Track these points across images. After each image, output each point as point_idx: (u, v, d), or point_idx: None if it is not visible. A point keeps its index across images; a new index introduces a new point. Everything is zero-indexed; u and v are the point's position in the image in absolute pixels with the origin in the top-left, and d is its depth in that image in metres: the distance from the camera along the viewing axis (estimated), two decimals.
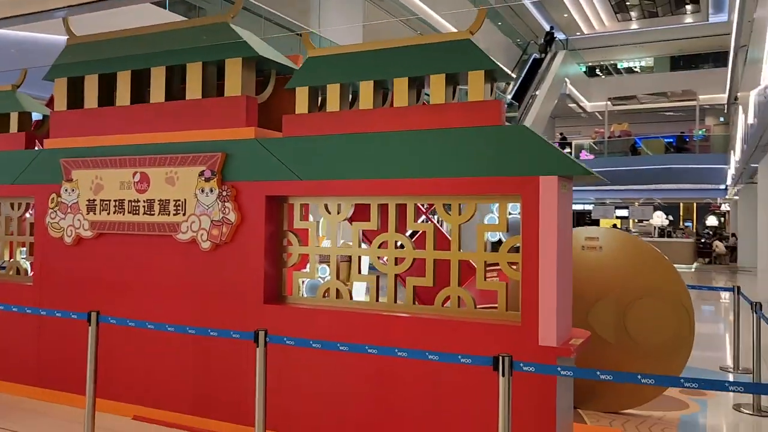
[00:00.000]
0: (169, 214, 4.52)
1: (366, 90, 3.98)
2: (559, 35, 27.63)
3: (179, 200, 4.48)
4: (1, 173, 5.33)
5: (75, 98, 5.09)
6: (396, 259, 3.99)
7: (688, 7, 28.13)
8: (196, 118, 4.49)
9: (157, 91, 4.67)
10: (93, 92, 4.95)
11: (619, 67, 32.73)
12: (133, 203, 4.67)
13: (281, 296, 4.29)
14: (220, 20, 4.48)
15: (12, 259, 5.63)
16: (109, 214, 4.78)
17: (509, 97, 22.16)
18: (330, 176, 4.01)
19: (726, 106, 26.84)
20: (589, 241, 4.94)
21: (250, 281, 4.22)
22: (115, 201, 4.75)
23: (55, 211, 5.01)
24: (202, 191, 4.38)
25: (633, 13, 30.71)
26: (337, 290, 4.13)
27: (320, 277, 4.42)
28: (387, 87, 4.23)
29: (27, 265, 5.56)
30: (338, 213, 4.14)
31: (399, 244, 3.98)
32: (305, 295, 4.36)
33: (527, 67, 24.96)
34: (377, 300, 4.03)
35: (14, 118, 5.42)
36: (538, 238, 3.43)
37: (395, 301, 3.98)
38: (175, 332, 4.00)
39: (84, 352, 4.03)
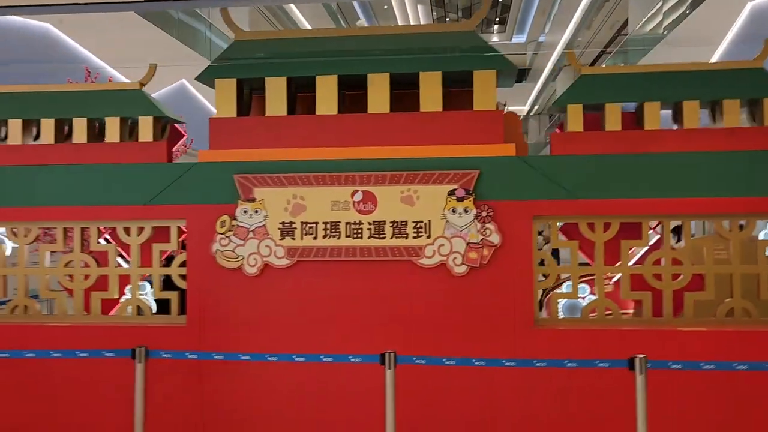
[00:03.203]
0: (407, 237, 4.09)
1: (652, 111, 4.05)
2: None
3: (421, 221, 4.08)
4: (131, 191, 4.30)
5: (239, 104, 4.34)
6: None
7: (495, 27, 31.32)
8: (438, 132, 4.13)
9: (380, 101, 4.19)
10: (279, 97, 4.26)
11: None
12: (353, 226, 4.13)
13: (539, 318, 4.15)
14: (466, 28, 4.19)
15: (123, 297, 4.56)
16: (315, 238, 4.15)
17: None
18: (605, 195, 4.00)
19: (525, 117, 30.64)
20: None
21: (515, 305, 4.01)
22: (324, 224, 4.14)
23: (228, 237, 4.20)
24: (454, 211, 4.05)
25: (495, 27, 33.48)
26: (606, 308, 4.12)
27: (581, 297, 4.34)
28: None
29: (152, 302, 4.55)
30: (604, 232, 4.13)
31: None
32: (562, 316, 4.26)
33: None
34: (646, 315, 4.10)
35: (146, 123, 4.40)
36: None
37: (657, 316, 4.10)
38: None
39: (279, 400, 3.70)
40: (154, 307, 4.54)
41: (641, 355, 3.33)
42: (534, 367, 3.58)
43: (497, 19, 29.25)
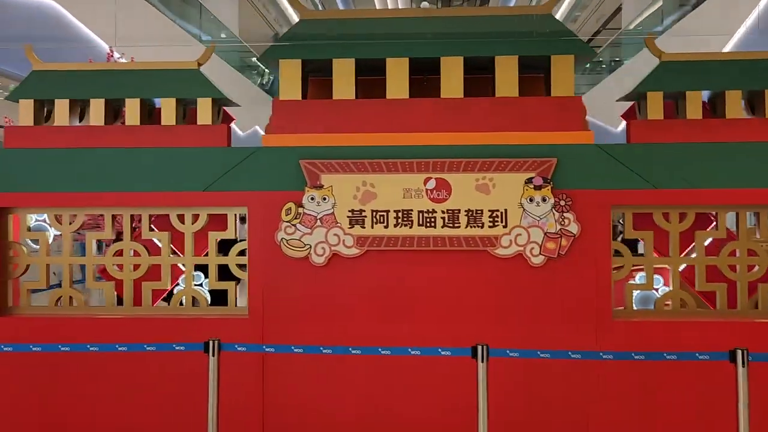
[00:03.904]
0: (482, 227, 3.96)
1: (734, 99, 3.97)
2: None
3: (497, 210, 3.95)
4: (187, 176, 4.09)
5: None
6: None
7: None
8: (515, 119, 4.00)
9: (453, 85, 4.05)
10: (347, 80, 4.09)
11: None
12: (426, 214, 3.98)
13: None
14: (543, 11, 4.06)
15: (176, 286, 4.36)
16: (386, 227, 4.00)
17: None
18: (684, 185, 3.92)
19: None
20: None
21: (593, 297, 3.92)
22: (396, 212, 3.99)
23: (294, 225, 4.02)
24: (531, 200, 3.94)
25: (425, 3, 33.28)
26: (681, 300, 4.06)
27: (655, 288, 4.27)
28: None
29: (206, 293, 4.35)
30: (679, 222, 4.06)
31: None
32: (635, 308, 4.18)
33: None
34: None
35: (205, 105, 4.18)
36: None
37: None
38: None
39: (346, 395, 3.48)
40: (208, 298, 4.34)
41: (743, 348, 3.27)
42: (632, 359, 3.49)
43: None
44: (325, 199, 4.02)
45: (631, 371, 3.85)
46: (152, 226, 4.53)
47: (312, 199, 4.02)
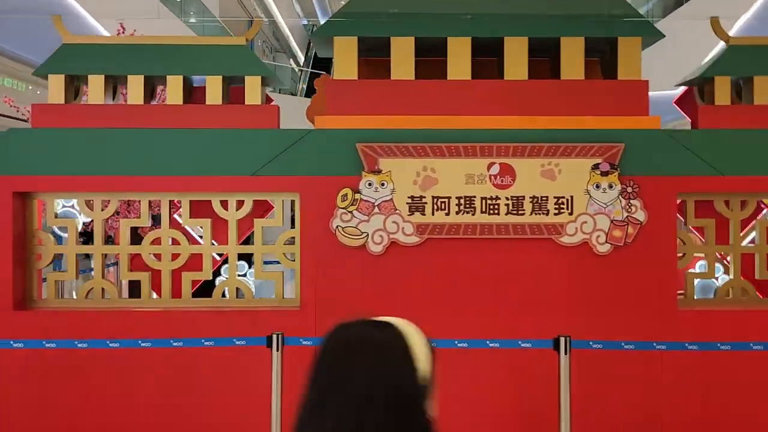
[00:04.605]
0: (547, 214, 3.82)
1: None
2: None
3: (563, 197, 3.82)
4: (232, 161, 3.83)
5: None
6: None
7: None
8: (580, 102, 3.87)
9: (517, 66, 3.89)
10: (407, 59, 3.88)
11: None
12: (489, 201, 3.82)
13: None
14: None
15: (220, 278, 4.11)
16: (448, 214, 3.83)
17: None
18: (753, 172, 3.85)
19: None
20: None
21: (660, 286, 3.83)
22: (458, 198, 3.82)
23: (350, 212, 3.82)
24: (597, 187, 3.82)
25: None
26: (743, 288, 4.00)
27: (715, 277, 4.20)
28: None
29: (251, 285, 4.11)
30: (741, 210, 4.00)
31: None
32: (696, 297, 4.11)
33: None
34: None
35: (254, 84, 3.92)
36: None
37: None
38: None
39: None
40: (253, 289, 4.10)
41: None
42: (718, 350, 3.41)
43: None
44: (383, 184, 3.82)
45: (698, 362, 3.77)
46: (177, 213, 4.27)
47: (369, 184, 3.82)
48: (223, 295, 4.01)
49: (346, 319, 1.42)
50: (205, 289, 4.13)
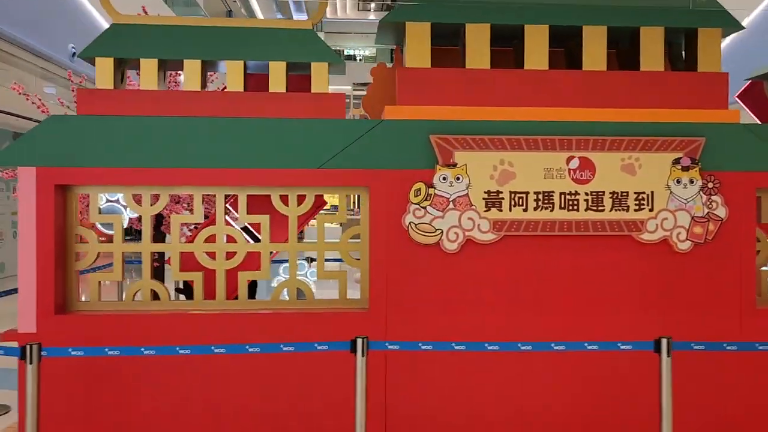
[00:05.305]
0: (627, 210, 3.68)
1: None
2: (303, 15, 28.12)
3: (643, 192, 3.69)
4: (299, 153, 3.57)
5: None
6: None
7: None
8: (660, 95, 3.74)
9: (596, 57, 3.73)
10: (482, 47, 3.69)
11: (347, 54, 34.83)
12: (568, 196, 3.66)
13: None
14: None
15: (279, 277, 3.84)
16: (526, 210, 3.65)
17: None
18: None
19: None
20: None
21: (739, 285, 3.73)
22: (536, 194, 3.65)
23: (424, 208, 3.60)
24: (678, 182, 3.69)
25: (372, 5, 33.14)
26: None
27: None
28: None
29: (311, 285, 3.85)
30: None
31: None
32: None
33: None
34: None
35: (320, 71, 3.66)
36: None
37: None
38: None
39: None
40: (314, 289, 3.85)
41: None
42: None
43: None
44: (458, 178, 3.62)
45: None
46: (228, 206, 4.00)
47: (444, 178, 3.61)
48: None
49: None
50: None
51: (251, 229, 4.33)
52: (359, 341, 3.08)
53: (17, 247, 3.43)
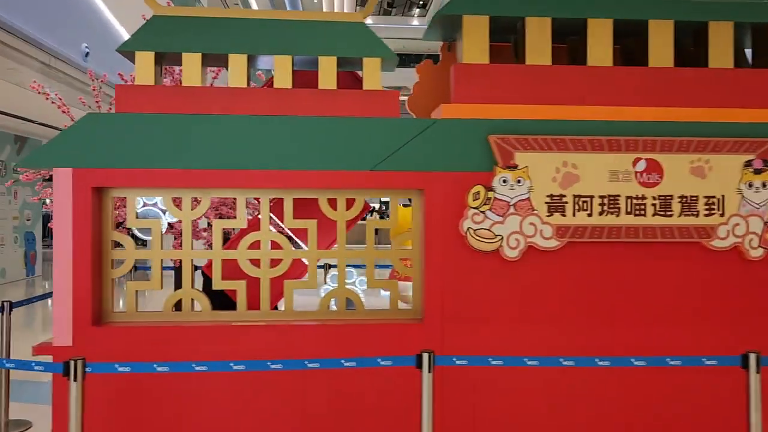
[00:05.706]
0: (697, 215, 3.48)
1: None
2: None
3: (713, 197, 3.49)
4: (350, 154, 3.36)
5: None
6: None
7: (417, 11, 30.82)
8: (730, 94, 3.54)
9: (662, 53, 3.54)
10: (544, 42, 3.49)
11: None
12: (635, 200, 3.46)
13: None
14: None
15: (326, 286, 3.63)
16: (591, 215, 3.44)
17: None
18: None
19: None
20: None
21: None
22: (601, 198, 3.44)
23: (483, 213, 3.40)
24: (750, 185, 3.49)
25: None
26: None
27: None
28: None
29: (360, 293, 3.64)
30: None
31: None
32: None
33: None
34: None
35: (374, 67, 3.45)
36: None
37: None
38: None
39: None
40: (363, 299, 3.63)
41: None
42: None
43: (420, 2, 28.49)
44: (519, 181, 3.41)
45: None
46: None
47: (504, 181, 3.41)
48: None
49: None
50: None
51: (291, 234, 4.11)
52: (425, 356, 2.86)
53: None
